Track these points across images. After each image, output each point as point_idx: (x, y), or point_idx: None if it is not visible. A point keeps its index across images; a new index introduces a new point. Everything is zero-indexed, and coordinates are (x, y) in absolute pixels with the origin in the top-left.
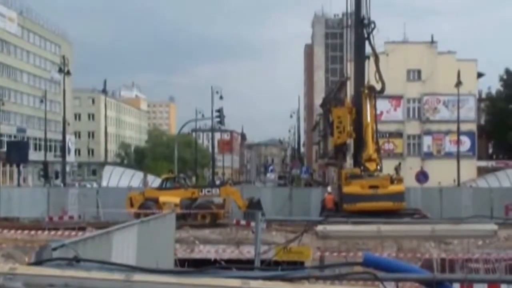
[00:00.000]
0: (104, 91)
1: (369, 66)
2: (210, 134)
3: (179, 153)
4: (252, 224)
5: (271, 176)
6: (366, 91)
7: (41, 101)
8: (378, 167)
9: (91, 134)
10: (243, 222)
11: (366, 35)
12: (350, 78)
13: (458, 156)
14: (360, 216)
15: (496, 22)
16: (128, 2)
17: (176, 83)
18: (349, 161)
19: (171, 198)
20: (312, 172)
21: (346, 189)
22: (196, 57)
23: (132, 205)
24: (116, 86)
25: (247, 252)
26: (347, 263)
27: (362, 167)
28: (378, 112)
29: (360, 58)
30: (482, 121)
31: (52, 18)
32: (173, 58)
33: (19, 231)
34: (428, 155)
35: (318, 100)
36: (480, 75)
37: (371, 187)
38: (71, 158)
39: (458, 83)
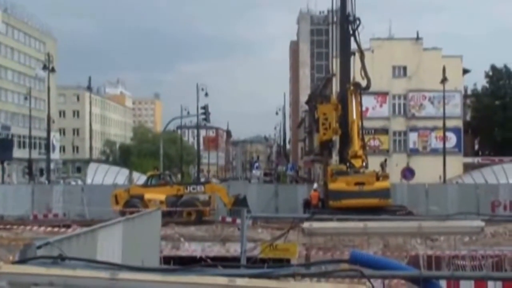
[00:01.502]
0: (89, 88)
1: (355, 63)
2: (195, 131)
3: (164, 150)
4: (238, 221)
5: (256, 173)
6: (352, 87)
7: (26, 98)
8: (364, 164)
9: (76, 131)
10: (228, 219)
11: (351, 32)
12: (336, 74)
13: (444, 153)
14: (346, 213)
15: (481, 18)
16: None
17: (162, 80)
18: (335, 158)
19: (156, 195)
20: (298, 169)
21: (332, 186)
22: (181, 54)
23: (117, 202)
24: (101, 83)
25: (233, 249)
26: (333, 260)
27: (348, 164)
28: (363, 108)
29: (345, 55)
30: (468, 118)
31: (37, 14)
32: (159, 55)
33: (1, 227)
34: (414, 152)
35: (303, 97)
36: (465, 71)
37: (356, 183)
38: (55, 155)
39: (444, 80)
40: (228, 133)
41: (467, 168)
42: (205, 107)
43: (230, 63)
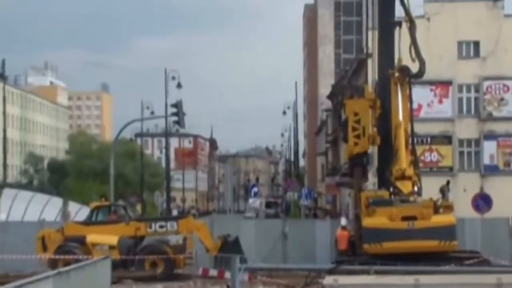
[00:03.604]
0: (2, 77)
1: (400, 37)
2: (163, 140)
3: (117, 169)
4: (227, 275)
5: (255, 202)
6: (397, 74)
7: None
8: (416, 189)
9: None
10: (213, 272)
11: None
12: (373, 55)
13: None
14: (389, 261)
15: None
16: None
17: (112, 64)
18: (372, 180)
19: (104, 237)
20: (317, 196)
21: (368, 222)
22: (140, 28)
23: (45, 248)
24: (21, 68)
25: None
26: None
27: (391, 189)
28: (414, 105)
29: (387, 26)
30: None
31: None
32: (107, 30)
33: None
34: (491, 170)
35: (324, 88)
36: None
37: (405, 218)
38: None
39: None
40: (213, 144)
41: None
42: (177, 105)
43: (213, 39)
